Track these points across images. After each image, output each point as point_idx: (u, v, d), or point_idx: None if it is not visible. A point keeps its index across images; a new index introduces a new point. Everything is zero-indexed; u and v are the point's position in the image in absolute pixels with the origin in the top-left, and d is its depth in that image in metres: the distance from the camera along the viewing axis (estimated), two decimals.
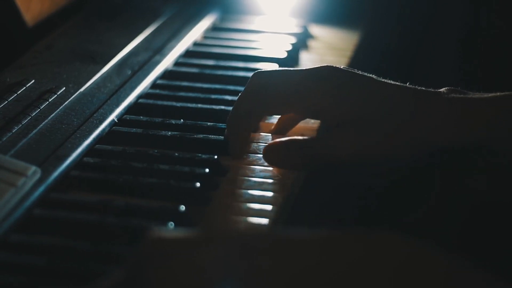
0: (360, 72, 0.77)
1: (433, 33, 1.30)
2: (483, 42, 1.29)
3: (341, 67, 0.77)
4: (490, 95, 0.75)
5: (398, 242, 0.49)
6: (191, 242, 0.50)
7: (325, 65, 0.77)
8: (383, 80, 0.76)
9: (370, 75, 0.77)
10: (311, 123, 0.85)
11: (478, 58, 1.29)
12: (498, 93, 0.75)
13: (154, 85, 0.91)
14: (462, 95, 0.74)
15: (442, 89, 0.75)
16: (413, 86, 0.76)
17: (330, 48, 1.09)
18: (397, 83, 0.76)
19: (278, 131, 0.83)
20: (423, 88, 0.76)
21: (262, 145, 0.80)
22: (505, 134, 0.74)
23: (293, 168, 0.76)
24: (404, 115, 0.73)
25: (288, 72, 0.77)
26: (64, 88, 0.85)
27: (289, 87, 0.76)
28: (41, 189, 0.68)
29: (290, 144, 0.75)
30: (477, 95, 0.75)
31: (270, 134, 0.82)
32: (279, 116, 0.83)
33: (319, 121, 0.85)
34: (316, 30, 1.14)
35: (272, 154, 0.75)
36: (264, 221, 0.69)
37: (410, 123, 0.73)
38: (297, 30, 1.09)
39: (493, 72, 1.27)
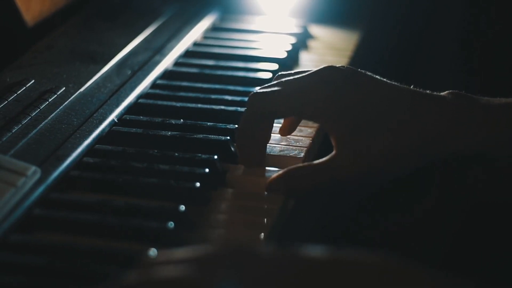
0: (363, 73, 0.75)
1: (432, 33, 1.30)
2: (482, 42, 1.29)
3: (343, 67, 0.75)
4: (496, 101, 0.72)
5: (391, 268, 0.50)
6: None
7: (326, 66, 0.75)
8: (387, 81, 0.74)
9: (375, 76, 0.75)
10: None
11: (477, 58, 1.29)
12: (504, 99, 0.73)
13: (154, 85, 0.91)
14: (467, 101, 0.72)
15: (446, 93, 0.73)
16: (418, 90, 0.74)
17: (330, 48, 1.09)
18: (400, 85, 0.74)
19: (282, 132, 0.81)
20: (428, 92, 0.74)
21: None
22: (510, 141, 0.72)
23: (300, 195, 0.75)
24: (409, 121, 0.71)
25: (288, 82, 0.76)
26: (64, 88, 0.85)
27: (291, 94, 0.74)
28: (41, 189, 0.68)
29: (292, 177, 0.73)
30: (484, 100, 0.73)
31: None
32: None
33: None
34: (316, 30, 1.14)
35: (275, 188, 0.73)
36: (264, 220, 0.69)
37: (414, 130, 0.71)
38: (297, 30, 1.09)
39: (491, 72, 1.27)
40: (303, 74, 0.76)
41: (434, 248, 0.98)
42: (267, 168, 0.76)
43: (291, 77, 0.76)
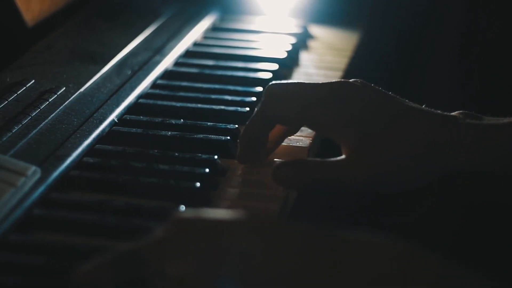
0: (376, 89, 0.74)
1: (432, 33, 1.30)
2: (482, 42, 1.29)
3: (357, 83, 0.74)
4: (505, 120, 0.72)
5: (384, 245, 0.51)
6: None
7: (340, 81, 0.75)
8: (399, 100, 0.74)
9: (388, 93, 0.74)
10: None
11: (476, 58, 1.29)
12: None
13: (154, 85, 0.91)
14: (477, 121, 0.72)
15: (456, 113, 0.73)
16: (430, 109, 0.73)
17: (330, 48, 1.09)
18: (413, 104, 0.74)
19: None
20: (439, 112, 0.73)
21: None
22: None
23: (303, 190, 0.75)
24: (419, 140, 0.71)
25: (301, 88, 0.75)
26: (64, 88, 0.85)
27: (301, 104, 0.74)
28: (41, 189, 0.68)
29: (301, 166, 0.73)
30: (493, 120, 0.73)
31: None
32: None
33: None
34: (316, 30, 1.14)
35: (281, 174, 0.72)
36: None
37: (424, 149, 0.71)
38: (297, 30, 1.09)
39: (491, 72, 1.27)
40: (316, 84, 0.76)
41: (434, 249, 0.98)
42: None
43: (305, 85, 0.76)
